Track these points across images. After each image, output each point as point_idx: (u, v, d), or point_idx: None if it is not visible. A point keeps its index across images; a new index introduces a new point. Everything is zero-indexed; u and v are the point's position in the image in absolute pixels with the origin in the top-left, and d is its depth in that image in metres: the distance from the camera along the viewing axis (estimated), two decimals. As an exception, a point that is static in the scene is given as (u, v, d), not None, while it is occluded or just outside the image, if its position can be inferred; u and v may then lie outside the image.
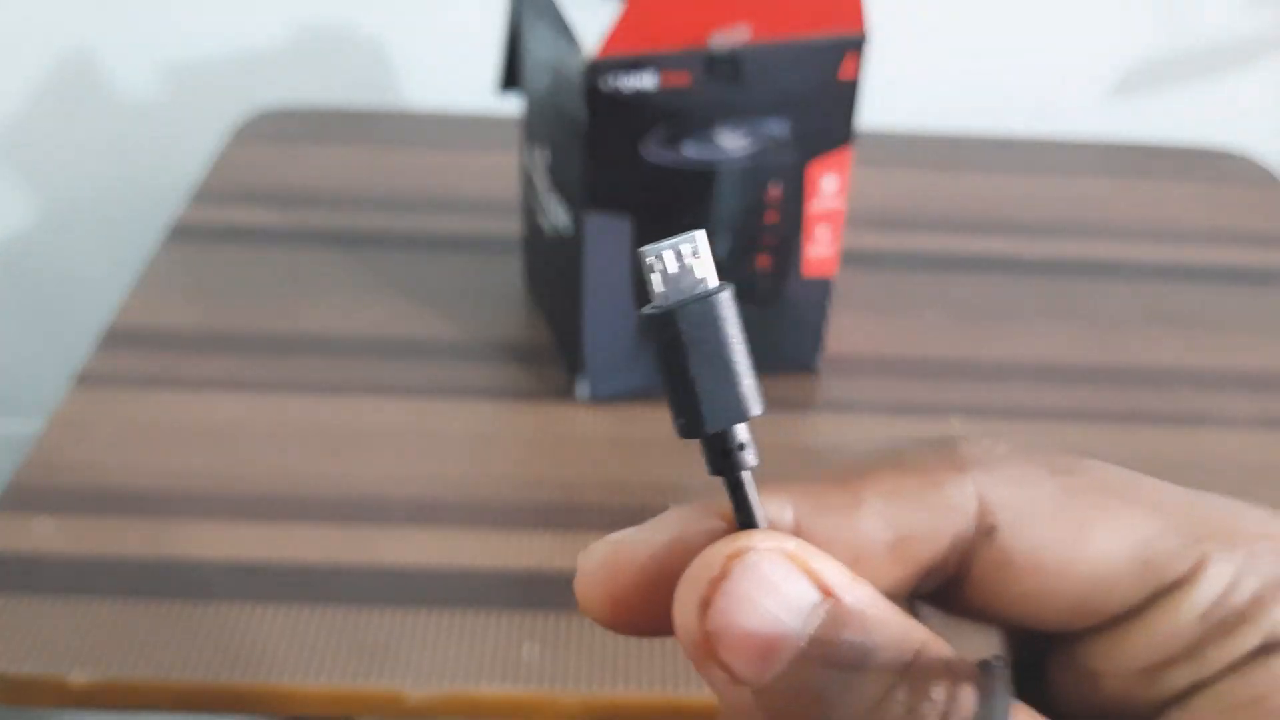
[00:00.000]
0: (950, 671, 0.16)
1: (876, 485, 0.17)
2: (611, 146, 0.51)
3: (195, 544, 0.48)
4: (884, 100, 0.76)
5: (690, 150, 0.52)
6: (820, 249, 0.56)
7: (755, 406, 0.17)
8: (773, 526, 0.17)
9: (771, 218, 0.55)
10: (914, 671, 0.16)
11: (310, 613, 0.46)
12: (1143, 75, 0.89)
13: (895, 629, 0.16)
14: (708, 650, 0.16)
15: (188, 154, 0.84)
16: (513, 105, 0.65)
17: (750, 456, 0.17)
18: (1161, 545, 0.17)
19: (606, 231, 0.53)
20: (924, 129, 0.85)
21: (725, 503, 0.17)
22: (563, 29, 0.50)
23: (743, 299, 0.62)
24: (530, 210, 0.61)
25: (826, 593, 0.16)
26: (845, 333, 0.62)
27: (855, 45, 0.51)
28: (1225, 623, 0.16)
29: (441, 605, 0.47)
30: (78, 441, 0.53)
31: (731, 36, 0.50)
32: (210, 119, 0.85)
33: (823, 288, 0.58)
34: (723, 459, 0.17)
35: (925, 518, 0.17)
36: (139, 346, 0.59)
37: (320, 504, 0.51)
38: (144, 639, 0.44)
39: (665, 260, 0.17)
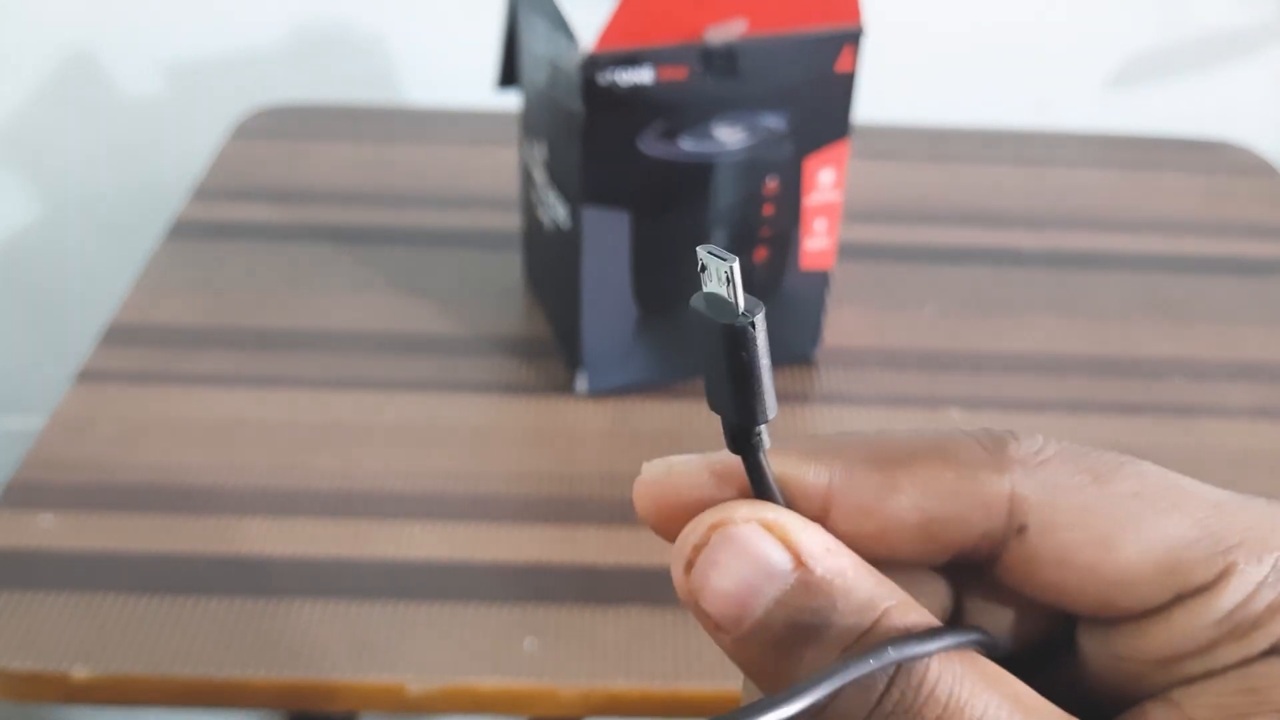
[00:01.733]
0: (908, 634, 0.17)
1: (914, 475, 0.19)
2: (609, 141, 0.51)
3: (195, 539, 0.49)
4: (881, 93, 0.76)
5: (687, 144, 0.52)
6: (817, 242, 0.57)
7: (773, 410, 0.19)
8: (806, 489, 0.19)
9: (769, 211, 0.55)
10: (872, 635, 0.17)
11: (311, 607, 0.46)
12: (1141, 66, 0.89)
13: (861, 597, 0.18)
14: (693, 602, 0.18)
15: (188, 151, 0.84)
16: (512, 100, 0.65)
17: (765, 439, 0.19)
18: (1189, 554, 0.18)
19: (604, 226, 0.53)
20: (921, 122, 0.85)
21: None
22: (560, 24, 0.50)
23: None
24: (529, 205, 0.61)
25: (799, 562, 0.18)
26: (843, 325, 0.62)
27: (852, 38, 0.51)
28: (1240, 627, 0.18)
29: (442, 598, 0.47)
30: (79, 438, 0.54)
31: (728, 30, 0.50)
32: (210, 116, 0.85)
33: (820, 280, 0.58)
34: (744, 441, 0.19)
35: (956, 512, 0.19)
36: (140, 343, 0.60)
37: (320, 498, 0.51)
38: (145, 634, 0.45)
39: (733, 274, 0.18)
